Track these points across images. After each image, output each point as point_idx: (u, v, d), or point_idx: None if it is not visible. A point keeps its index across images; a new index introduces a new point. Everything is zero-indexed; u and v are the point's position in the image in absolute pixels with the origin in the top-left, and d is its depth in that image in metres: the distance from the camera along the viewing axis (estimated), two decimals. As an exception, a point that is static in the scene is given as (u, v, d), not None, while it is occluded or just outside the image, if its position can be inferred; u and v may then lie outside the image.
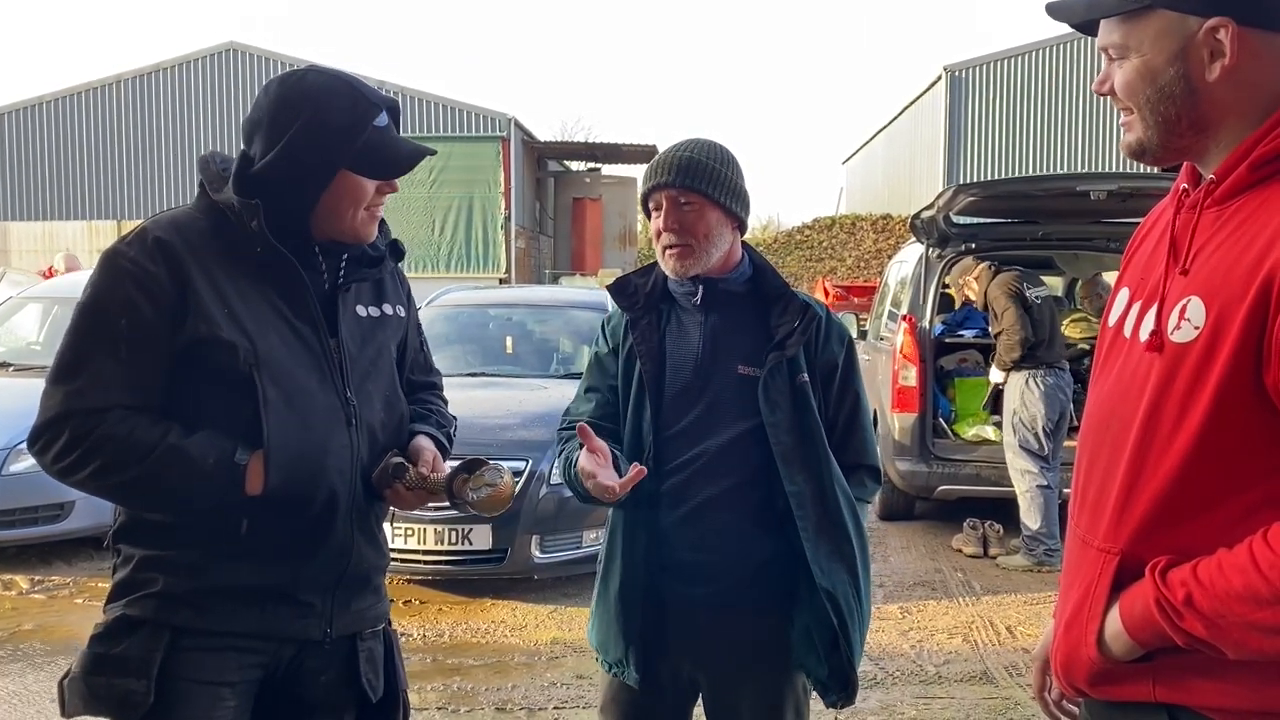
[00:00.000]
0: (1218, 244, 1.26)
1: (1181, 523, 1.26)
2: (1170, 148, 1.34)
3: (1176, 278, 1.30)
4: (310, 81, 1.73)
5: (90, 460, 1.63)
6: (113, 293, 1.65)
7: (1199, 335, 1.23)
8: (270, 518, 1.69)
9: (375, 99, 1.75)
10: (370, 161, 1.74)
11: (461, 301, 7.66)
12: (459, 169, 21.10)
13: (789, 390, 2.09)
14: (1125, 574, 1.30)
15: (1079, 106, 22.87)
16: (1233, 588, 1.17)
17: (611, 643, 2.15)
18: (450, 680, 4.29)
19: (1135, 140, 1.36)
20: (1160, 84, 1.30)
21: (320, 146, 1.70)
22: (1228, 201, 1.28)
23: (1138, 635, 1.28)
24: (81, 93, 23.62)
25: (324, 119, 1.70)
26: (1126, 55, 1.32)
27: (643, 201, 2.20)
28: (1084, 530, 1.39)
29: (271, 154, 1.70)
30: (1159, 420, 1.26)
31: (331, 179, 1.72)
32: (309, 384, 1.74)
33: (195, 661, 1.69)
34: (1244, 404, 1.19)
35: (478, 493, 1.82)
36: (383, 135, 1.75)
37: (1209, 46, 1.26)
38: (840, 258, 25.32)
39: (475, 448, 5.17)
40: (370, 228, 1.82)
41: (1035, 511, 6.00)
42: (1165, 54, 1.28)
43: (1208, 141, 1.32)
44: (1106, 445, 1.36)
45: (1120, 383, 1.36)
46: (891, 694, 4.18)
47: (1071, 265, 8.33)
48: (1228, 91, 1.27)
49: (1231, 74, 1.26)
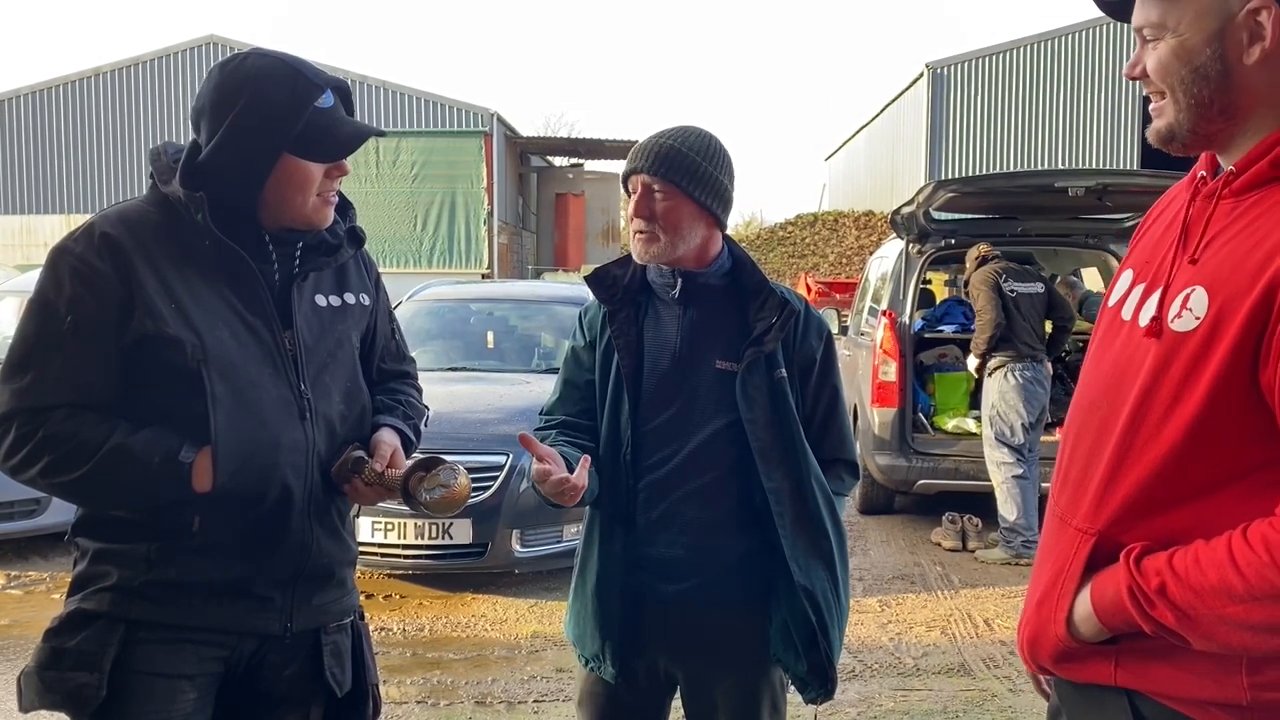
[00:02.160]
0: (1229, 237, 1.26)
1: (1162, 510, 1.26)
2: (1199, 133, 1.32)
3: (1184, 266, 1.29)
4: (250, 65, 1.70)
5: (37, 459, 1.62)
6: (59, 290, 1.64)
7: (1199, 326, 1.23)
8: (223, 514, 1.68)
9: (317, 79, 1.72)
10: (312, 144, 1.70)
11: (443, 296, 7.64)
12: (441, 164, 21.03)
13: (767, 386, 2.07)
14: (1100, 556, 1.31)
15: (1059, 104, 22.97)
16: (1208, 581, 1.18)
17: (588, 637, 2.14)
18: (430, 674, 4.29)
19: (1165, 125, 1.34)
20: (1196, 64, 1.28)
21: (260, 131, 1.67)
22: (1245, 194, 1.27)
23: (1106, 620, 1.29)
24: (59, 86, 23.39)
25: (263, 102, 1.66)
26: (1162, 35, 1.30)
27: (623, 181, 2.16)
28: (1063, 509, 1.39)
29: (213, 141, 1.68)
30: (1150, 406, 1.27)
31: (274, 164, 1.69)
32: (260, 378, 1.71)
33: (151, 655, 1.68)
34: (1237, 399, 1.20)
35: (431, 493, 1.79)
36: (326, 116, 1.71)
37: (1249, 29, 1.24)
38: (823, 254, 25.36)
39: (456, 442, 5.20)
40: (324, 213, 1.78)
41: (1011, 503, 6.04)
42: (1204, 34, 1.26)
43: (1234, 130, 1.30)
44: (1094, 426, 1.36)
45: (1116, 365, 1.35)
46: (870, 686, 4.20)
47: (1050, 261, 8.39)
48: (1263, 77, 1.25)
49: (1270, 59, 1.24)
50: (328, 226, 1.83)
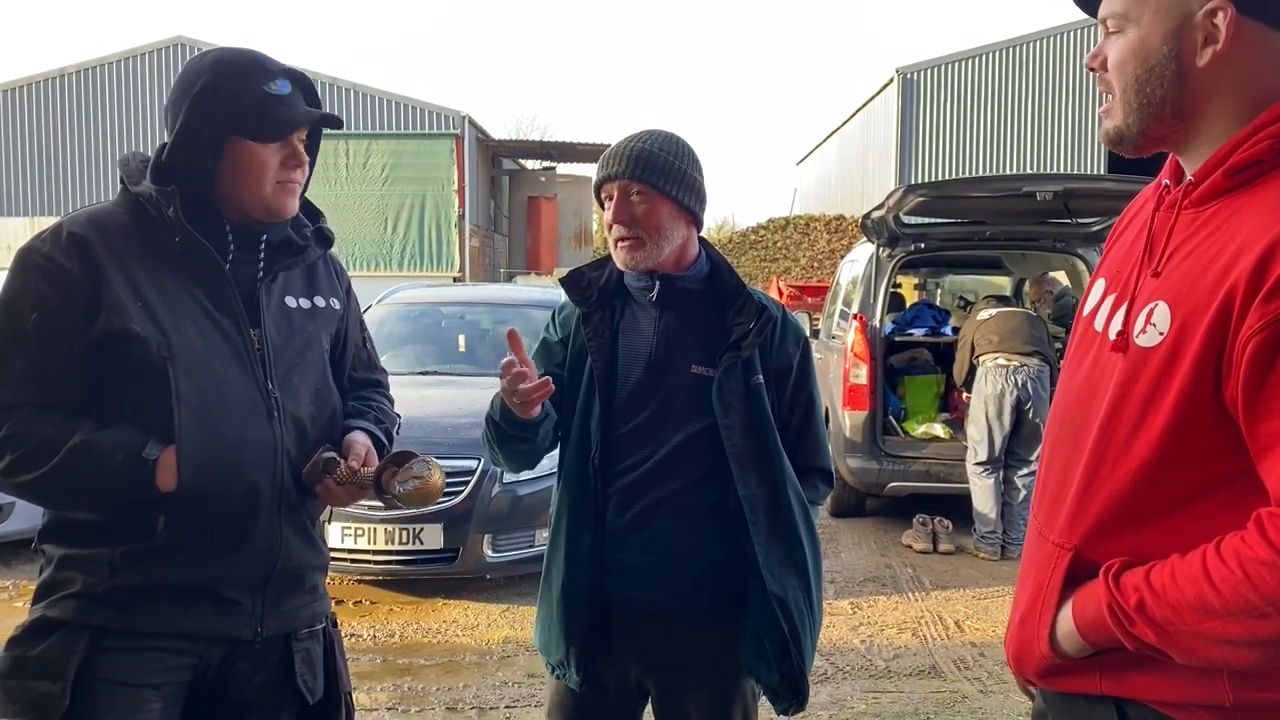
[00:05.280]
0: (1190, 249, 1.26)
1: (1136, 525, 1.26)
2: (1150, 135, 1.32)
3: (1148, 279, 1.30)
4: (210, 57, 1.74)
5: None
6: (24, 289, 1.64)
7: (1163, 341, 1.23)
8: (188, 513, 1.66)
9: (272, 66, 1.73)
10: (259, 125, 1.71)
11: (414, 300, 7.60)
12: (412, 166, 20.89)
13: (743, 392, 2.06)
14: (1078, 570, 1.31)
15: (1028, 109, 23.19)
16: (1185, 597, 1.18)
17: (554, 644, 2.11)
18: (401, 680, 4.26)
19: (1114, 127, 1.34)
20: (1151, 63, 1.28)
21: (210, 115, 1.69)
22: (1204, 205, 1.27)
23: (1089, 636, 1.29)
24: (25, 86, 23.07)
25: (216, 88, 1.69)
26: (1124, 28, 1.30)
27: (596, 191, 2.15)
28: (1042, 523, 1.40)
29: (174, 132, 1.70)
30: (1118, 421, 1.27)
31: (223, 147, 1.70)
32: (227, 376, 1.71)
33: (115, 663, 1.66)
34: (1204, 414, 1.20)
35: (404, 485, 1.79)
36: (278, 101, 1.72)
37: (1205, 30, 1.24)
38: (794, 258, 25.45)
39: (428, 446, 5.06)
40: (283, 200, 1.78)
41: (975, 496, 6.28)
42: (1162, 29, 1.26)
43: (1189, 132, 1.30)
44: (1067, 440, 1.37)
45: (1088, 379, 1.36)
46: (842, 688, 4.22)
47: (1019, 265, 8.47)
48: (1214, 80, 1.25)
49: (1221, 62, 1.24)
50: (292, 222, 1.83)
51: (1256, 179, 1.23)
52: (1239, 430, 1.19)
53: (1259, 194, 1.22)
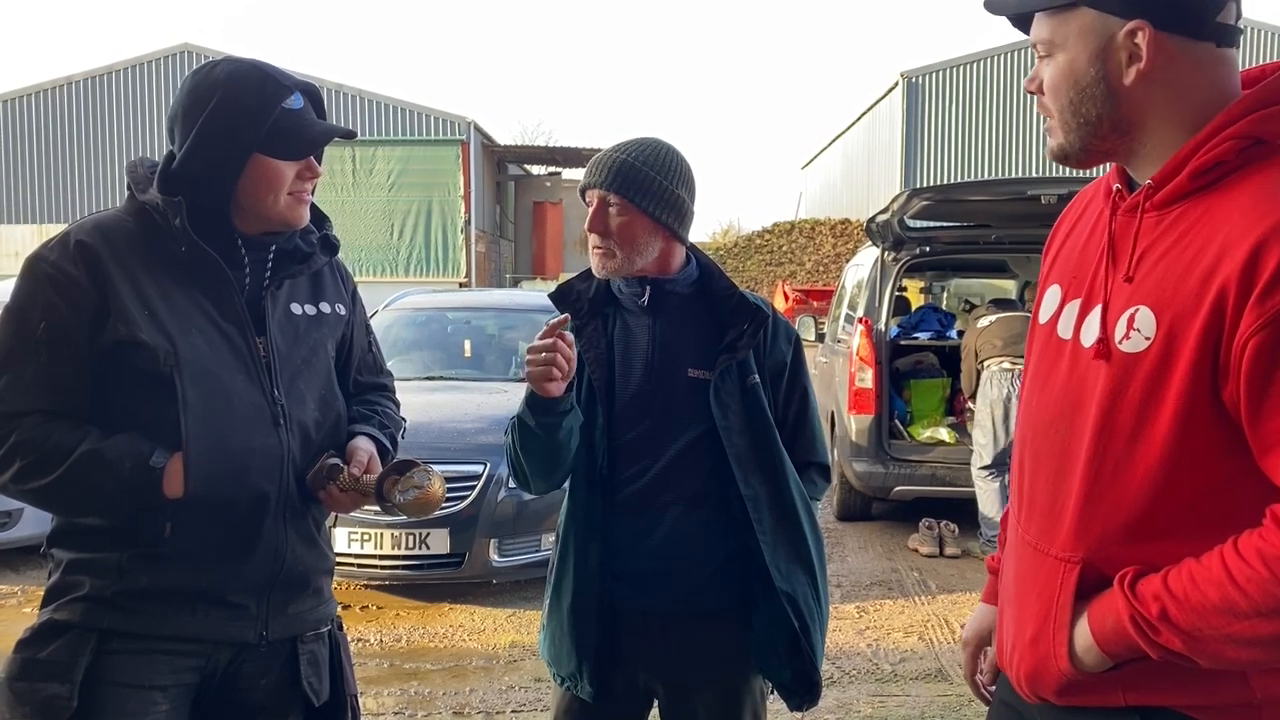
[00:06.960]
0: (1162, 251, 1.26)
1: (1146, 531, 1.25)
2: (1092, 150, 1.34)
3: (1120, 284, 1.29)
4: (220, 70, 1.73)
5: (8, 464, 1.63)
6: (33, 297, 1.65)
7: (1150, 346, 1.23)
8: (195, 520, 1.67)
9: (286, 81, 1.74)
10: (281, 142, 1.72)
11: (420, 305, 7.61)
12: (418, 172, 20.99)
13: (740, 393, 2.06)
14: (1086, 584, 1.30)
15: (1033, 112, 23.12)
16: (1209, 601, 1.17)
17: (564, 657, 2.10)
18: (408, 685, 4.27)
19: (1057, 145, 1.38)
20: (1082, 85, 1.30)
21: (230, 131, 1.69)
22: (1168, 208, 1.27)
23: (1110, 649, 1.27)
24: (32, 94, 23.19)
25: (233, 104, 1.69)
26: (1053, 52, 1.32)
27: (580, 194, 2.14)
28: (1035, 538, 1.38)
29: (186, 146, 1.70)
30: (1113, 430, 1.26)
31: (244, 164, 1.71)
32: (234, 384, 1.72)
33: (123, 665, 1.67)
34: (1205, 416, 1.20)
35: (405, 495, 1.79)
36: (295, 117, 1.74)
37: (1128, 50, 1.26)
38: (800, 262, 25.46)
39: (434, 451, 5.17)
40: (297, 211, 1.79)
41: (981, 500, 6.24)
42: (1087, 53, 1.29)
43: (1131, 143, 1.32)
44: (1053, 452, 1.35)
45: (1067, 388, 1.34)
46: (848, 692, 4.21)
47: (1024, 268, 8.45)
48: (1146, 95, 1.27)
49: (1146, 78, 1.26)
50: (302, 233, 1.84)
51: (1220, 179, 1.24)
52: (1238, 429, 1.19)
53: (1228, 194, 1.22)
